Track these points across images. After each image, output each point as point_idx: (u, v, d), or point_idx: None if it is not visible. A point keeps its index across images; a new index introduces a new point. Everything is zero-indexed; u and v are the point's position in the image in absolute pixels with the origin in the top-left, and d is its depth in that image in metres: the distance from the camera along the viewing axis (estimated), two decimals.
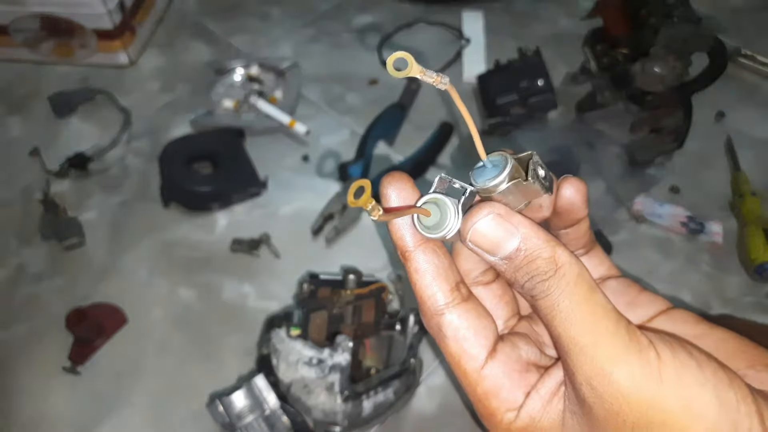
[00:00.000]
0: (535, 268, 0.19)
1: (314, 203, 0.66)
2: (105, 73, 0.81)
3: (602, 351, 0.18)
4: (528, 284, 0.19)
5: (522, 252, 0.19)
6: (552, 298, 0.19)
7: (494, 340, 0.21)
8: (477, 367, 0.21)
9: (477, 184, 0.20)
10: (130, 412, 0.53)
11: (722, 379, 0.18)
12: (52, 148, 0.72)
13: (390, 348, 0.52)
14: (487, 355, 0.21)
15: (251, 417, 0.47)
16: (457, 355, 0.21)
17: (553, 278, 0.19)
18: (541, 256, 0.19)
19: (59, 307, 0.59)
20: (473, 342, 0.21)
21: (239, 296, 0.60)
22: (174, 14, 0.91)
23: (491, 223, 0.20)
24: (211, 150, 0.69)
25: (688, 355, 0.18)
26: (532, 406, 0.20)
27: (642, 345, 0.18)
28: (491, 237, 0.20)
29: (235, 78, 0.79)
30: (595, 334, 0.18)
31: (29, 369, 0.56)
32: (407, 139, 0.72)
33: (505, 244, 0.19)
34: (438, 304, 0.21)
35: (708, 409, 0.17)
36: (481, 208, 0.20)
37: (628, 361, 0.18)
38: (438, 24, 0.86)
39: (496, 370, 0.21)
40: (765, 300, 0.58)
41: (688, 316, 0.23)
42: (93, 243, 0.64)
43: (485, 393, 0.21)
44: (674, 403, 0.17)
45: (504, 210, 0.20)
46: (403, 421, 0.52)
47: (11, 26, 0.79)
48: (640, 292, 0.24)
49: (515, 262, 0.20)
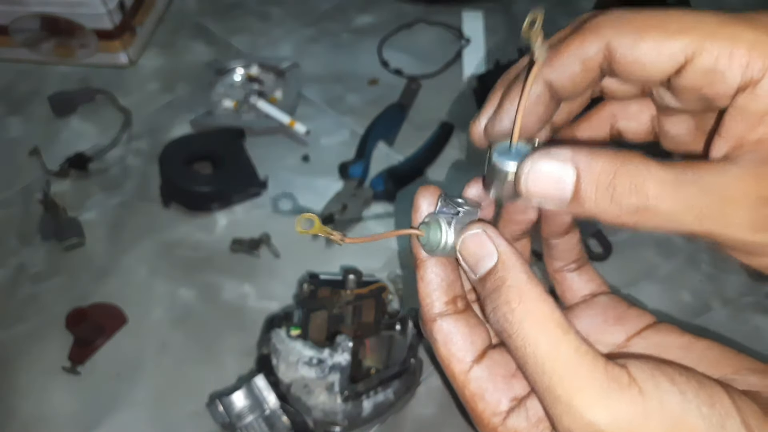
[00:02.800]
0: (499, 297, 0.19)
1: (314, 203, 0.66)
2: (105, 73, 0.81)
3: (581, 400, 0.17)
4: (492, 316, 0.19)
5: (493, 274, 0.19)
6: (518, 339, 0.18)
7: (484, 346, 0.22)
8: (464, 370, 0.21)
9: (496, 162, 0.20)
10: (129, 412, 0.53)
11: (704, 399, 0.17)
12: (52, 148, 0.72)
13: (390, 348, 0.52)
14: (474, 359, 0.21)
15: (251, 417, 0.47)
16: (446, 357, 0.22)
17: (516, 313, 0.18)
18: (507, 283, 0.19)
19: (59, 307, 0.59)
20: (461, 346, 0.21)
21: (239, 296, 0.60)
22: (174, 14, 0.91)
23: (476, 238, 0.20)
24: (211, 150, 0.69)
25: (669, 382, 0.18)
26: (518, 423, 0.20)
27: (622, 384, 0.17)
28: (473, 252, 0.20)
29: (235, 78, 0.79)
30: (571, 382, 0.18)
31: (29, 369, 0.56)
32: (407, 139, 0.72)
33: (483, 260, 0.20)
34: (433, 311, 0.22)
35: None
36: (474, 224, 0.20)
37: (609, 406, 0.17)
38: (438, 24, 0.86)
39: (481, 374, 0.21)
40: (765, 300, 0.58)
41: (673, 329, 0.23)
42: (93, 243, 0.64)
43: (472, 395, 0.21)
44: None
45: (493, 231, 0.20)
46: (403, 421, 0.52)
47: (11, 26, 0.79)
48: (629, 307, 0.24)
49: (486, 284, 0.20)
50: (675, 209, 0.17)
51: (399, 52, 0.83)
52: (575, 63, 0.20)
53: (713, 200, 0.17)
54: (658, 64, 0.19)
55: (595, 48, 0.20)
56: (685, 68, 0.19)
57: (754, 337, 0.56)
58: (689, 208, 0.17)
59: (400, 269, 0.61)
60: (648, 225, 0.18)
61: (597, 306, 0.24)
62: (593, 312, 0.24)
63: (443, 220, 0.21)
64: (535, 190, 0.19)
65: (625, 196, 0.17)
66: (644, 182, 0.17)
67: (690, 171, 0.18)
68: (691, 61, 0.18)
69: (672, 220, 0.17)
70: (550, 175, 0.18)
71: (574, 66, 0.20)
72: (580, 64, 0.20)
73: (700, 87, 0.19)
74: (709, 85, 0.19)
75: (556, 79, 0.21)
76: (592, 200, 0.18)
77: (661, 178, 0.17)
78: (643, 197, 0.17)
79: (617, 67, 0.20)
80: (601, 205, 0.18)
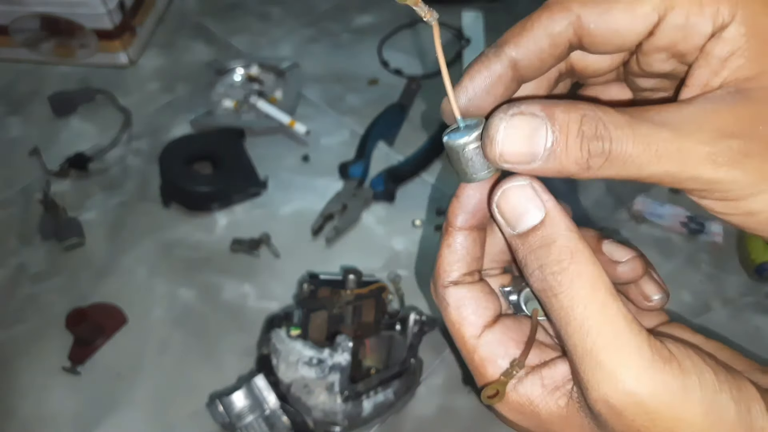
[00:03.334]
0: (548, 254, 0.18)
1: (314, 203, 0.66)
2: (105, 73, 0.81)
3: (626, 369, 0.17)
4: (538, 273, 0.18)
5: (540, 231, 0.19)
6: (565, 299, 0.18)
7: (496, 312, 0.22)
8: (475, 334, 0.21)
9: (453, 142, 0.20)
10: (129, 412, 0.53)
11: (733, 383, 0.18)
12: (52, 148, 0.72)
13: (390, 348, 0.52)
14: (486, 324, 0.21)
15: (251, 417, 0.47)
16: (457, 321, 0.21)
17: (567, 273, 0.18)
18: (558, 242, 0.18)
19: (59, 307, 0.59)
20: (472, 310, 0.21)
21: (239, 296, 0.60)
22: (174, 14, 0.91)
23: (521, 191, 0.19)
24: (211, 150, 0.69)
25: (704, 362, 0.18)
26: (532, 389, 0.20)
27: (665, 357, 0.17)
28: (516, 204, 0.19)
29: (235, 78, 0.79)
30: (617, 349, 0.17)
31: (29, 369, 0.56)
32: (407, 139, 0.72)
33: (527, 215, 0.19)
34: (449, 278, 0.22)
35: (726, 413, 0.17)
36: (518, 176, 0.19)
37: (654, 377, 0.17)
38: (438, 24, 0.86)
39: (492, 338, 0.21)
40: (765, 300, 0.58)
41: (685, 329, 0.23)
42: (93, 243, 0.64)
43: (481, 360, 0.21)
44: (698, 411, 0.17)
45: (540, 185, 0.19)
46: (403, 421, 0.52)
47: (11, 26, 0.79)
48: None
49: (530, 241, 0.19)
50: (634, 150, 0.17)
51: (399, 52, 0.83)
52: (543, 39, 0.20)
53: (670, 136, 0.17)
54: (632, 28, 0.19)
55: (564, 22, 0.19)
56: (658, 27, 0.18)
57: (754, 337, 0.56)
58: (647, 148, 0.17)
59: (400, 269, 0.61)
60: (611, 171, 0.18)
61: None
62: None
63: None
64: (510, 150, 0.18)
65: (593, 141, 0.17)
66: (606, 125, 0.17)
67: (647, 112, 0.18)
68: (663, 18, 0.18)
69: (632, 162, 0.17)
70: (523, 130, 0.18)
71: (542, 42, 0.20)
72: (548, 39, 0.20)
73: (675, 44, 0.19)
74: (683, 40, 0.19)
75: (522, 57, 0.20)
76: (564, 153, 0.17)
77: (620, 119, 0.17)
78: (607, 140, 0.17)
79: (589, 39, 0.19)
80: (573, 155, 0.17)
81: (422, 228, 0.64)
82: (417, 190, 0.68)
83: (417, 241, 0.64)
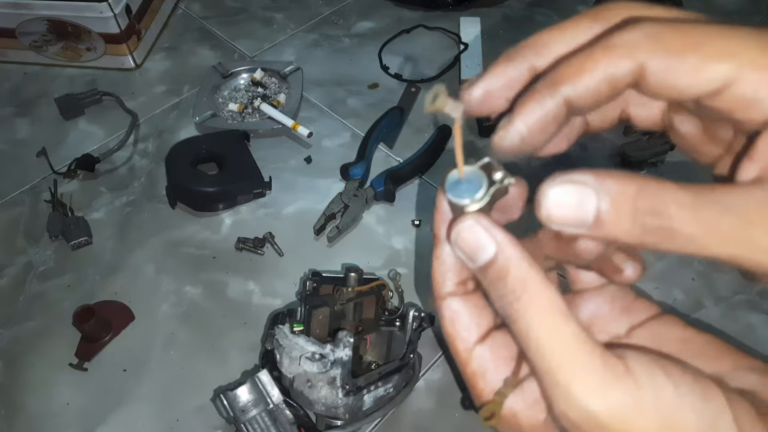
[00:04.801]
0: (504, 286, 0.19)
1: (317, 203, 0.67)
2: (112, 76, 0.83)
3: (578, 386, 0.18)
4: (498, 303, 0.20)
5: (494, 265, 0.20)
6: (522, 325, 0.19)
7: (488, 327, 0.22)
8: (467, 348, 0.22)
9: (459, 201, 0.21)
10: (136, 407, 0.54)
11: (698, 394, 0.18)
12: (60, 150, 0.74)
13: (390, 343, 0.53)
14: (478, 339, 0.22)
15: (255, 411, 0.47)
16: (452, 335, 0.22)
17: (521, 302, 0.19)
18: (511, 273, 0.19)
19: (66, 305, 0.60)
20: (466, 325, 0.22)
21: (244, 293, 0.61)
22: (179, 19, 0.92)
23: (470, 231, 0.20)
24: (217, 152, 0.70)
25: (664, 375, 0.18)
26: (515, 403, 0.21)
27: (618, 373, 0.18)
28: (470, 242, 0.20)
29: (240, 82, 0.80)
30: (569, 367, 0.18)
31: (37, 365, 0.57)
32: (407, 142, 0.74)
33: (481, 250, 0.20)
34: (444, 290, 0.22)
35: (686, 427, 0.18)
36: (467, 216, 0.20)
37: (605, 394, 0.18)
38: (437, 29, 0.88)
39: (484, 353, 0.22)
40: (756, 298, 0.59)
41: (677, 321, 0.23)
42: (100, 242, 0.65)
43: (473, 373, 0.22)
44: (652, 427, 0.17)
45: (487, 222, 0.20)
46: (403, 414, 0.53)
47: (19, 29, 0.80)
48: (635, 299, 0.24)
49: (488, 274, 0.20)
50: (697, 232, 0.17)
51: (399, 57, 0.84)
52: (602, 83, 0.19)
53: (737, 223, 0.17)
54: (693, 88, 0.18)
55: (626, 69, 0.19)
56: (721, 92, 0.18)
57: (746, 334, 0.57)
58: (712, 231, 0.17)
59: (400, 267, 0.62)
60: (670, 247, 0.17)
61: (604, 294, 0.24)
62: (600, 300, 0.24)
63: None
64: (557, 216, 0.18)
65: (648, 217, 0.17)
66: (665, 203, 0.17)
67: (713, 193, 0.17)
68: (729, 87, 0.18)
69: (694, 242, 0.17)
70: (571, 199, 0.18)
71: (600, 85, 0.19)
72: (607, 83, 0.19)
73: (733, 111, 0.18)
74: (743, 111, 0.18)
75: (577, 97, 0.20)
76: (614, 223, 0.17)
77: (682, 199, 0.17)
78: (666, 218, 0.17)
79: (647, 87, 0.19)
80: (624, 227, 0.17)
81: (421, 228, 0.66)
82: (416, 191, 0.69)
83: (416, 240, 0.65)
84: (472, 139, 0.74)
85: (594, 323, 0.24)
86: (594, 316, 0.24)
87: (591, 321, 0.24)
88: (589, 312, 0.24)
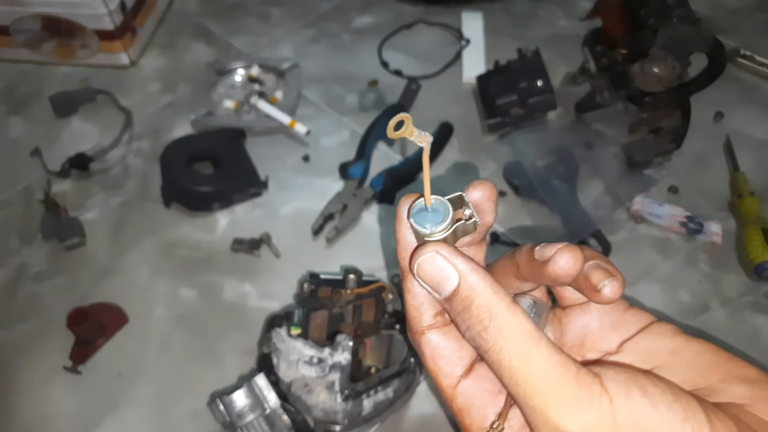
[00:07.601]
0: (470, 316, 0.19)
1: (314, 203, 0.66)
2: (106, 74, 0.81)
3: (552, 409, 0.18)
4: (467, 334, 0.20)
5: (458, 294, 0.20)
6: (493, 354, 0.19)
7: (471, 359, 0.22)
8: (451, 384, 0.22)
9: (421, 229, 0.21)
10: (131, 412, 0.53)
11: (677, 413, 0.18)
12: (53, 148, 0.73)
13: (390, 347, 0.52)
14: (462, 374, 0.22)
15: (252, 416, 0.47)
16: (435, 372, 0.22)
17: (489, 331, 0.19)
18: (476, 302, 0.19)
19: (60, 307, 0.59)
20: (448, 360, 0.22)
21: (240, 296, 0.60)
22: (175, 15, 0.91)
23: (431, 261, 0.20)
24: (212, 150, 0.69)
25: (641, 394, 0.18)
26: None
27: (593, 394, 0.18)
28: (432, 273, 0.20)
29: (236, 78, 0.79)
30: (543, 392, 0.18)
31: (30, 368, 0.56)
32: (407, 140, 0.72)
33: (445, 281, 0.20)
34: (422, 324, 0.22)
35: None
36: (427, 246, 0.20)
37: (581, 416, 0.18)
38: (438, 25, 0.87)
39: (468, 388, 0.22)
40: (763, 299, 0.58)
41: (668, 330, 0.23)
42: (94, 243, 0.65)
43: (459, 409, 0.22)
44: None
45: (448, 251, 0.20)
46: (403, 420, 0.52)
47: (12, 27, 0.79)
48: (626, 309, 0.24)
49: (454, 304, 0.20)
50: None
51: (399, 53, 0.83)
52: None
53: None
54: None
55: None
56: None
57: (753, 336, 0.56)
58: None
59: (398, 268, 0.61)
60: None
61: (593, 310, 0.24)
62: (588, 317, 0.24)
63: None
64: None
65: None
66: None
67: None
68: None
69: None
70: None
71: None
72: None
73: None
74: None
75: None
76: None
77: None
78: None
79: None
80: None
81: None
82: (416, 191, 0.68)
83: None
84: (476, 135, 0.73)
85: (584, 342, 0.24)
86: (584, 335, 0.24)
87: (581, 339, 0.24)
88: (580, 328, 0.24)
